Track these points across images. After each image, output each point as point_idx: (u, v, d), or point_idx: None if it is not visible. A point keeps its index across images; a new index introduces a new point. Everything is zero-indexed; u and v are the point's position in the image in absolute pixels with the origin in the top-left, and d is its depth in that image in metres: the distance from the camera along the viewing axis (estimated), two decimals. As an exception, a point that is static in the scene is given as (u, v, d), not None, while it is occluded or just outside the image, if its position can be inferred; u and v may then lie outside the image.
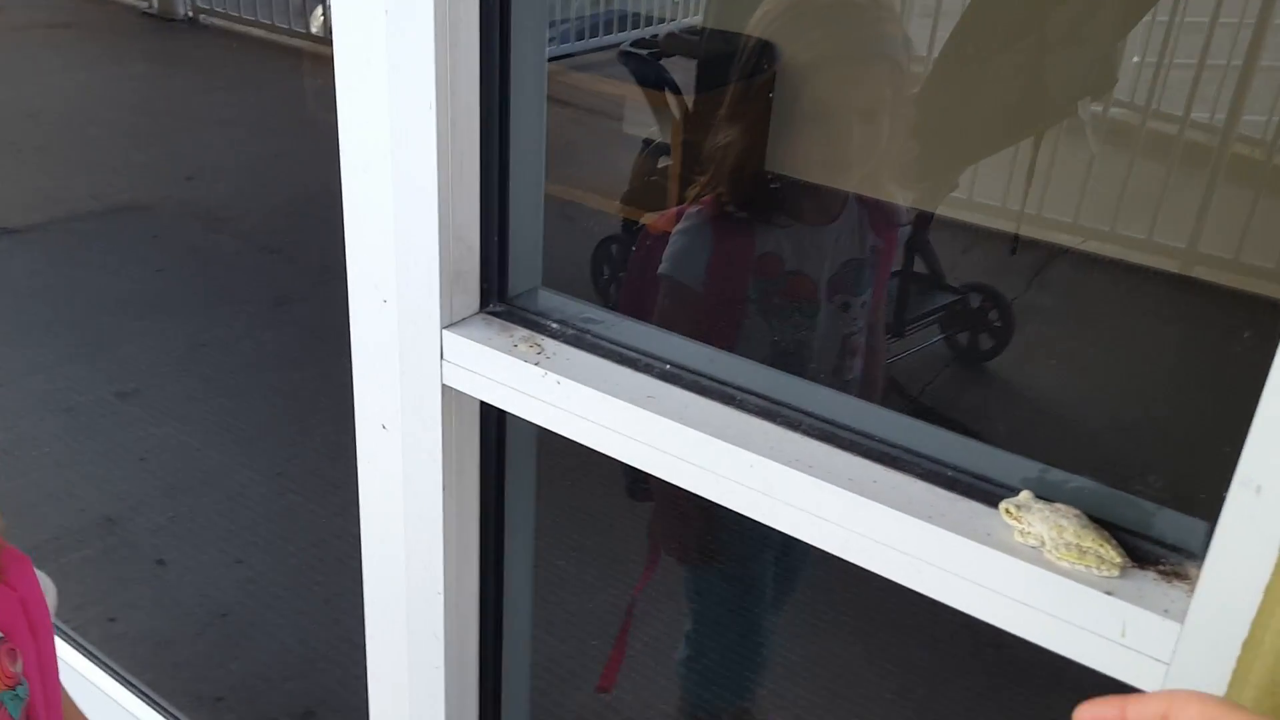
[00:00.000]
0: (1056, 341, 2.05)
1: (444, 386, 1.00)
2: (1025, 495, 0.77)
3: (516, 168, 0.98)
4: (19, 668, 0.75)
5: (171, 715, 1.83)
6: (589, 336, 0.97)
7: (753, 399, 0.89)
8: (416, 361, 1.01)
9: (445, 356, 0.99)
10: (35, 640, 0.78)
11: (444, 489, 1.05)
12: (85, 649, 1.95)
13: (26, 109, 4.73)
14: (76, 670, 1.91)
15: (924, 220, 1.77)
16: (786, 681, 1.90)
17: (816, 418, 0.87)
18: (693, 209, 1.38)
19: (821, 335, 1.35)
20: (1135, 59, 1.80)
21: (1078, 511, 0.75)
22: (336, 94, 0.97)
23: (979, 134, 1.49)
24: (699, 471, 0.87)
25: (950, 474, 0.81)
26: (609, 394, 0.90)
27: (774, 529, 0.85)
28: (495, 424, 1.07)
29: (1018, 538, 0.75)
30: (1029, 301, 1.99)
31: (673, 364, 0.93)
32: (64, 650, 1.95)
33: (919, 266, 1.94)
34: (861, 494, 0.79)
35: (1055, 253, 1.89)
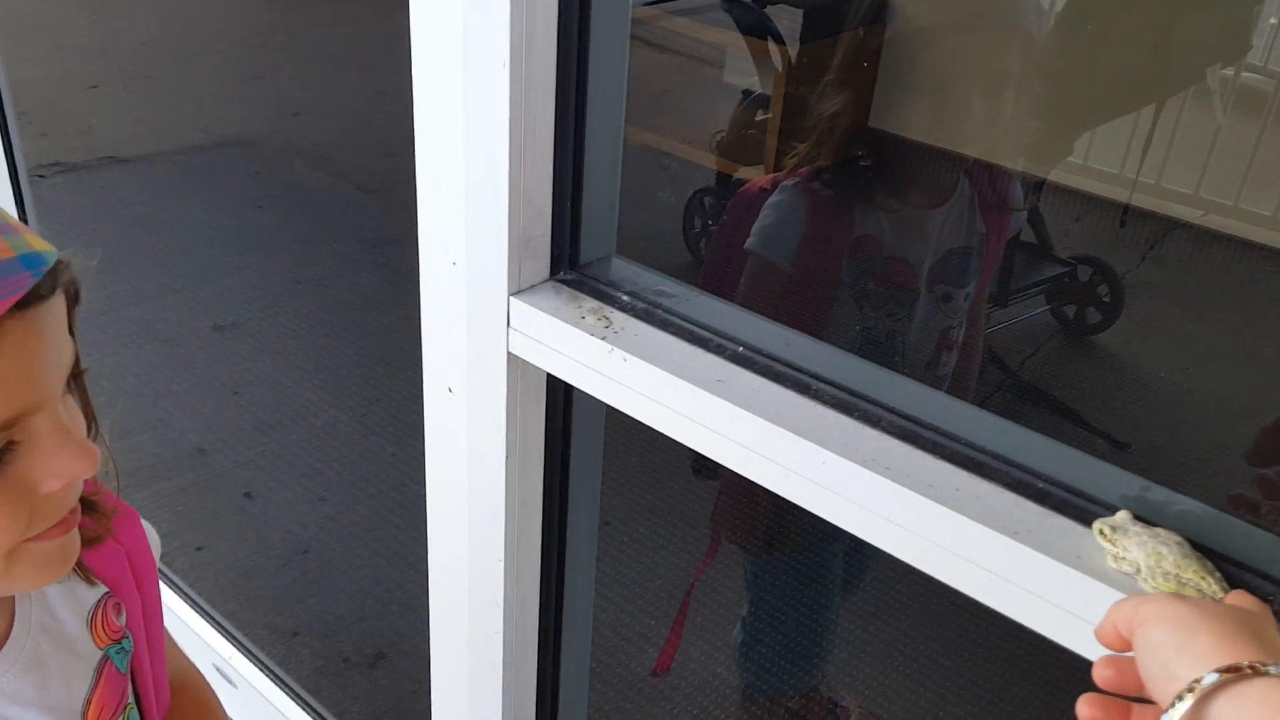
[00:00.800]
0: (1168, 321, 1.93)
1: (509, 354, 0.97)
2: (1123, 516, 0.70)
3: (593, 132, 0.93)
4: (123, 620, 0.76)
5: (247, 649, 1.88)
6: (660, 311, 0.92)
7: (830, 389, 0.83)
8: (483, 328, 0.98)
9: (512, 324, 0.95)
10: (140, 593, 0.78)
11: (507, 458, 1.02)
12: (170, 579, 2.01)
13: (138, 39, 4.83)
14: (163, 602, 1.97)
15: (1035, 186, 1.67)
16: (858, 663, 1.86)
17: (898, 414, 0.81)
18: (788, 181, 1.31)
19: (917, 327, 1.27)
20: (1273, 20, 1.65)
21: (1180, 539, 0.67)
22: (411, 48, 0.93)
23: (1101, 98, 1.39)
24: (767, 464, 0.82)
25: (1041, 486, 0.74)
26: (676, 375, 0.85)
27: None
28: (563, 394, 1.04)
29: (1111, 563, 0.68)
30: (1141, 277, 1.88)
31: (747, 346, 0.88)
32: (151, 578, 2.01)
33: (1026, 234, 1.85)
34: (941, 502, 0.74)
35: (1172, 226, 1.77)
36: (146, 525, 0.81)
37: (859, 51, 1.25)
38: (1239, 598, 0.60)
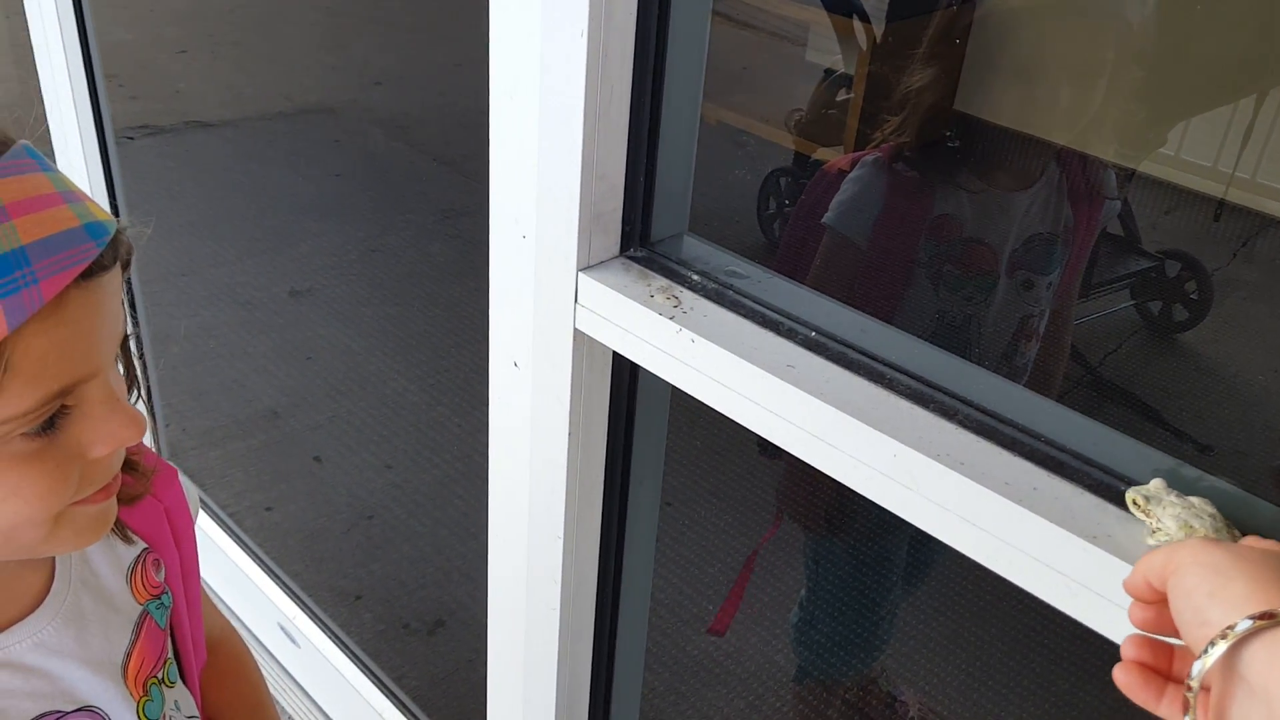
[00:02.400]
0: (1259, 321, 1.85)
1: (576, 331, 0.96)
2: (1157, 485, 0.67)
3: (670, 108, 0.91)
4: (162, 576, 0.77)
5: (311, 610, 1.91)
6: (731, 292, 0.90)
7: (904, 379, 0.81)
8: (550, 302, 0.97)
9: (579, 300, 0.94)
10: (179, 549, 0.79)
11: (570, 435, 1.01)
12: (240, 537, 2.05)
13: (228, 4, 4.91)
14: (230, 558, 2.01)
15: (1125, 176, 1.61)
16: (919, 658, 1.82)
17: (975, 407, 0.78)
18: (869, 156, 1.27)
19: (996, 313, 1.23)
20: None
21: (1214, 510, 0.64)
22: (490, 15, 0.92)
23: (1198, 86, 1.32)
24: (836, 454, 0.79)
25: (1123, 488, 0.71)
26: (745, 358, 0.83)
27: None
28: (628, 373, 1.02)
29: (1148, 538, 0.66)
30: (1232, 274, 1.80)
31: (820, 331, 0.85)
32: (221, 537, 2.05)
33: (1113, 226, 1.78)
34: (1018, 501, 0.71)
35: (1267, 224, 1.69)
36: (185, 482, 0.82)
37: (947, 30, 1.21)
38: (1271, 544, 0.58)
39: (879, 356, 0.83)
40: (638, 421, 1.06)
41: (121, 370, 0.64)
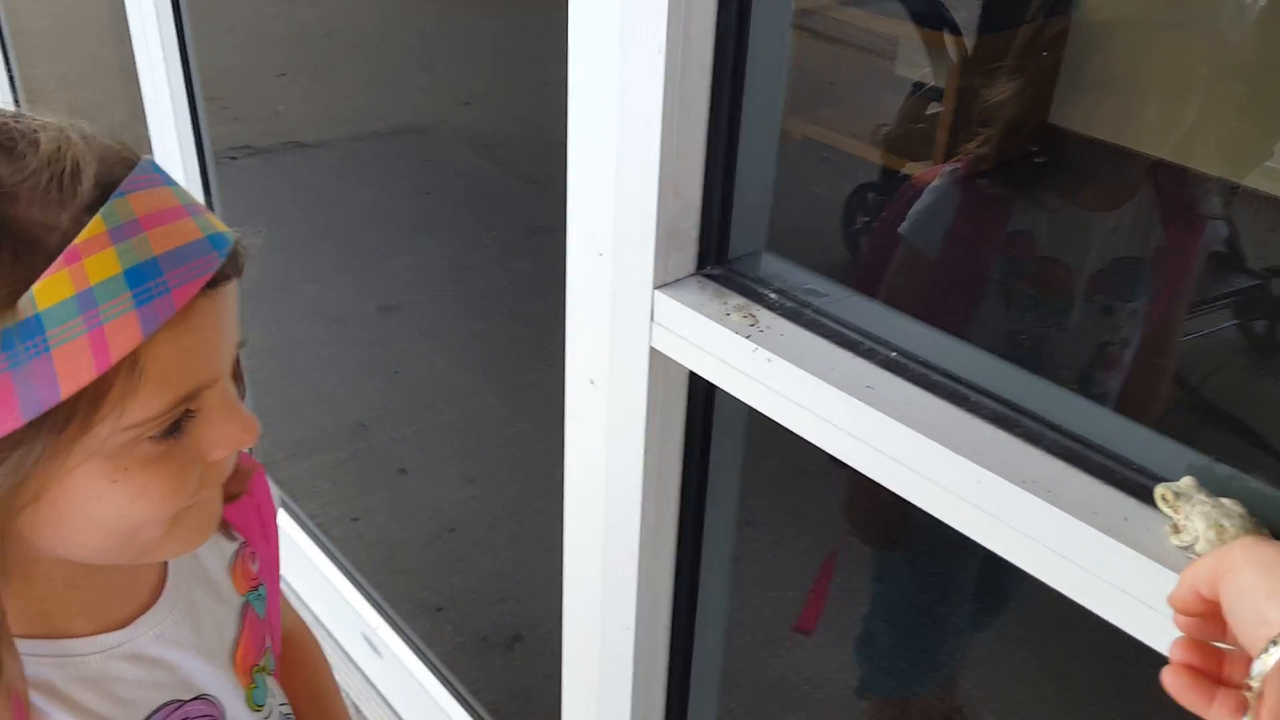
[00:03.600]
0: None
1: (652, 349, 0.95)
2: (1188, 482, 0.64)
3: (749, 122, 0.90)
4: (257, 568, 0.79)
5: (394, 620, 1.93)
6: (809, 311, 0.88)
7: (989, 402, 0.78)
8: (626, 320, 0.96)
9: (655, 318, 0.93)
10: (266, 544, 0.81)
11: (645, 454, 1.01)
12: (327, 547, 2.09)
13: (325, 29, 5.06)
14: (317, 567, 2.05)
15: (1228, 191, 1.54)
16: (1007, 690, 1.76)
17: (1063, 432, 0.75)
18: (948, 167, 1.24)
19: (1069, 338, 1.19)
20: None
21: (1243, 510, 0.62)
22: (569, 33, 0.92)
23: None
24: (916, 479, 0.77)
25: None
26: (822, 379, 0.81)
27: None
28: (704, 392, 1.01)
29: (1171, 536, 0.64)
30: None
31: (900, 351, 0.83)
32: (308, 546, 2.09)
33: (1215, 243, 1.71)
34: (1108, 532, 0.67)
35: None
36: (270, 482, 0.84)
37: (1033, 42, 1.18)
38: None
39: (962, 378, 0.80)
40: (714, 441, 1.05)
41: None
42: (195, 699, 0.70)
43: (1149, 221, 1.16)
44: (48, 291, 0.51)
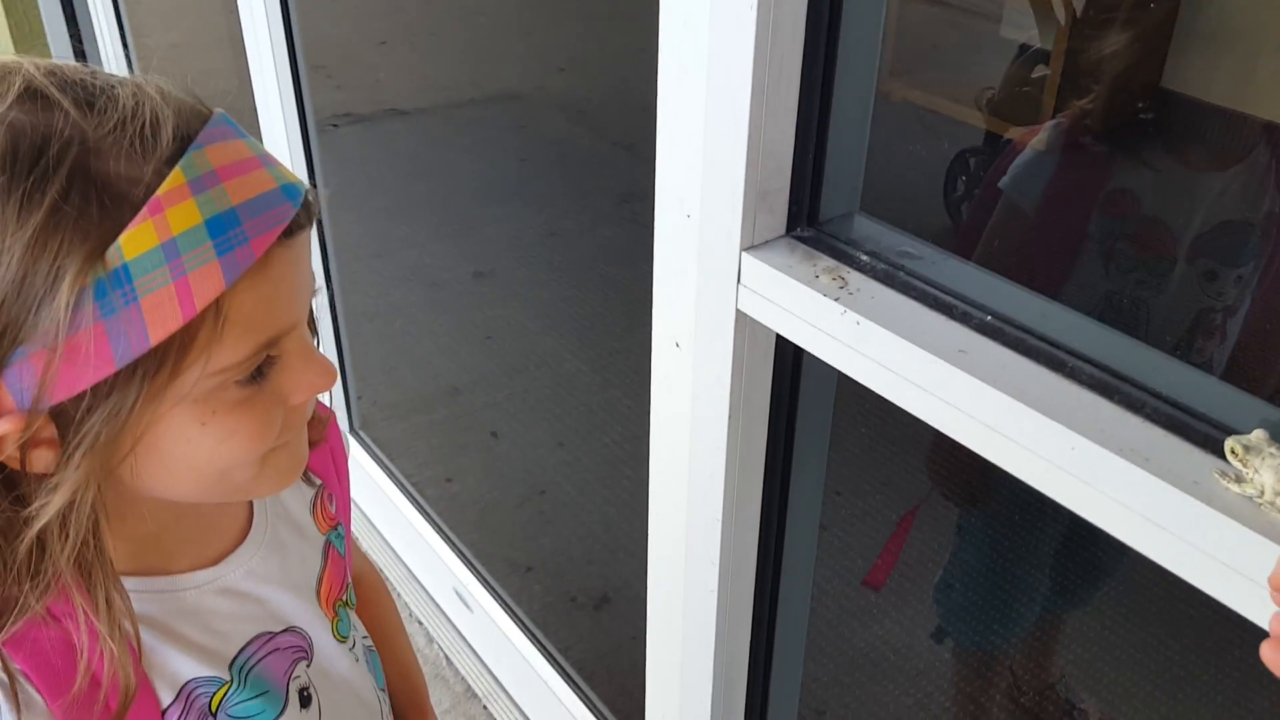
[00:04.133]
0: None
1: (738, 312, 0.94)
2: (1259, 435, 0.64)
3: (843, 82, 0.88)
4: (334, 508, 0.82)
5: (485, 578, 1.97)
6: (901, 273, 0.86)
7: (1087, 368, 0.75)
8: (713, 283, 0.96)
9: (742, 280, 0.92)
10: (340, 486, 0.85)
11: (730, 418, 1.00)
12: (422, 506, 2.14)
13: (428, -1, 5.10)
14: (412, 524, 2.11)
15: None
16: (1102, 666, 1.72)
17: (1165, 399, 0.72)
18: (1052, 122, 1.20)
19: (1168, 301, 1.14)
20: None
21: None
22: (659, -8, 0.91)
23: None
24: (1009, 445, 0.75)
25: (1336, 495, 0.64)
26: (914, 343, 0.80)
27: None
28: (792, 356, 1.00)
29: (1231, 485, 0.64)
30: None
31: (995, 315, 0.81)
32: (404, 504, 2.15)
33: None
34: (1209, 502, 0.65)
35: None
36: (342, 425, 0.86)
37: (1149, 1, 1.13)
38: None
39: (1059, 343, 0.78)
40: (801, 406, 1.04)
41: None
42: (285, 631, 0.73)
43: (1261, 186, 1.10)
44: (134, 242, 0.53)
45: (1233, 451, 0.64)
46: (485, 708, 1.90)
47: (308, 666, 0.74)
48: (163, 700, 0.66)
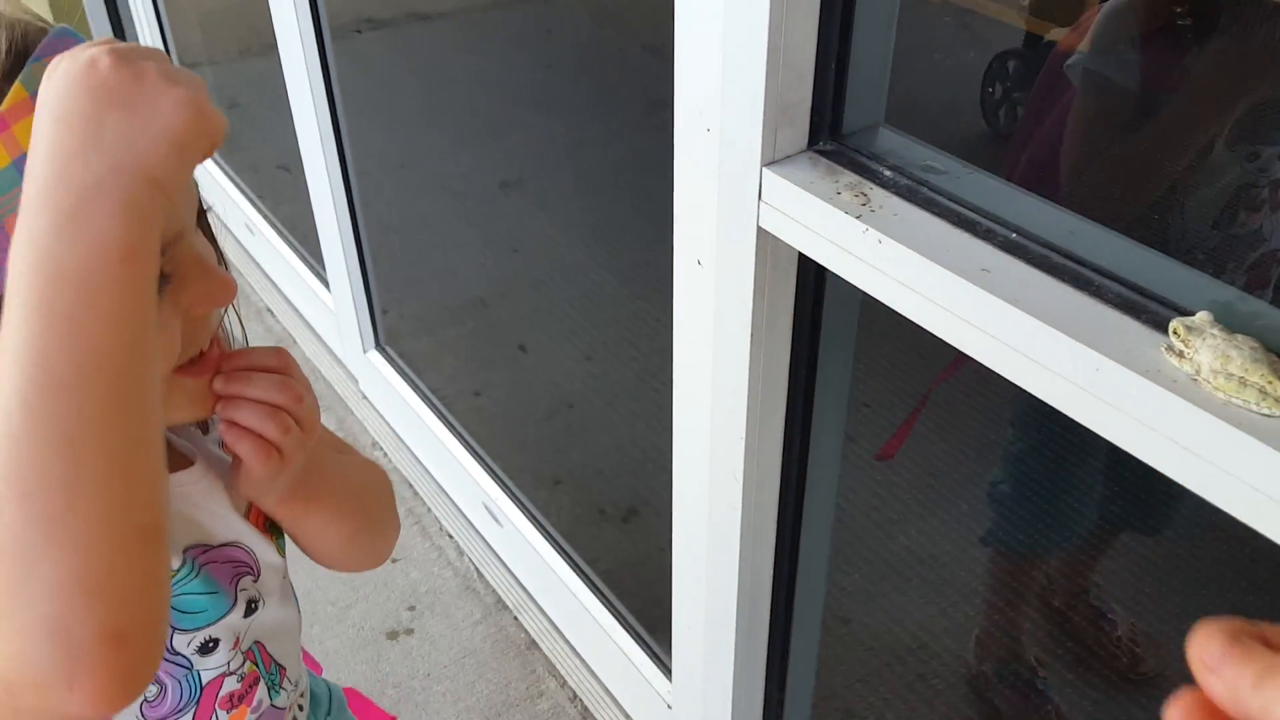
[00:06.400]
0: None
1: (759, 229, 0.92)
2: (1203, 317, 0.66)
3: (866, -18, 0.84)
4: None
5: (514, 492, 1.99)
6: (925, 189, 0.84)
7: (1114, 286, 0.73)
8: (733, 199, 0.93)
9: (763, 197, 0.90)
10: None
11: (752, 338, 0.99)
12: (449, 420, 2.16)
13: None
14: (439, 439, 2.12)
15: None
16: (1131, 579, 1.72)
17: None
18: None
19: (1209, 183, 1.10)
20: None
21: (1255, 343, 0.63)
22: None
23: None
24: (1031, 365, 0.74)
25: (1370, 418, 0.62)
26: (935, 261, 0.77)
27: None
28: (813, 274, 0.98)
29: (1172, 359, 0.66)
30: None
31: (1021, 232, 0.79)
32: (431, 419, 2.17)
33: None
34: (1237, 425, 0.63)
35: None
36: None
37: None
38: None
39: (1087, 261, 0.75)
40: (825, 324, 1.02)
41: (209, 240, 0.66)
42: (224, 545, 0.72)
43: None
44: None
45: (1174, 332, 0.67)
46: (516, 619, 1.94)
47: (254, 581, 0.74)
48: None
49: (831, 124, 0.90)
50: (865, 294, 0.86)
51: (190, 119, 0.50)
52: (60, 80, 0.49)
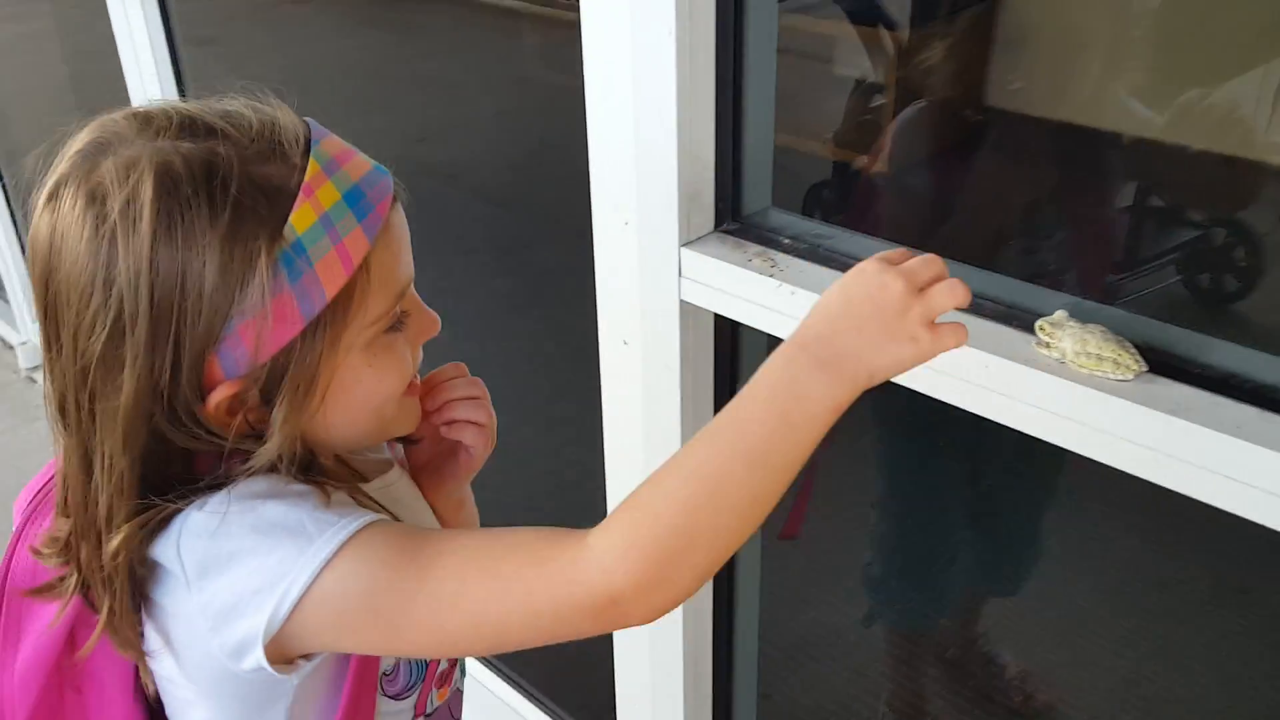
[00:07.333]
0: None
1: (682, 302, 1.06)
2: (1060, 314, 0.84)
3: (750, 89, 1.02)
4: None
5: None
6: (822, 250, 1.00)
7: (987, 304, 0.90)
8: (656, 279, 1.07)
9: (683, 273, 1.05)
10: None
11: (682, 399, 1.12)
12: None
13: (271, 83, 5.11)
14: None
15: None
16: (1013, 620, 1.87)
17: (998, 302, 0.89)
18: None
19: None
20: None
21: (1104, 328, 0.82)
22: (582, 24, 1.03)
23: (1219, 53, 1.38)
24: (939, 377, 0.89)
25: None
26: (843, 302, 0.93)
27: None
28: (729, 337, 1.12)
29: (1043, 351, 0.84)
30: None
31: (905, 274, 0.95)
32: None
33: (1156, 201, 1.82)
34: (1101, 389, 0.80)
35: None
36: None
37: (972, 27, 1.30)
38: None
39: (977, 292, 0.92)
40: (741, 380, 1.16)
41: None
42: None
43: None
44: (300, 220, 0.67)
45: (1041, 328, 0.84)
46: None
47: None
48: None
49: (733, 208, 1.06)
50: (771, 345, 1.00)
51: (920, 358, 0.69)
52: (855, 283, 0.72)
